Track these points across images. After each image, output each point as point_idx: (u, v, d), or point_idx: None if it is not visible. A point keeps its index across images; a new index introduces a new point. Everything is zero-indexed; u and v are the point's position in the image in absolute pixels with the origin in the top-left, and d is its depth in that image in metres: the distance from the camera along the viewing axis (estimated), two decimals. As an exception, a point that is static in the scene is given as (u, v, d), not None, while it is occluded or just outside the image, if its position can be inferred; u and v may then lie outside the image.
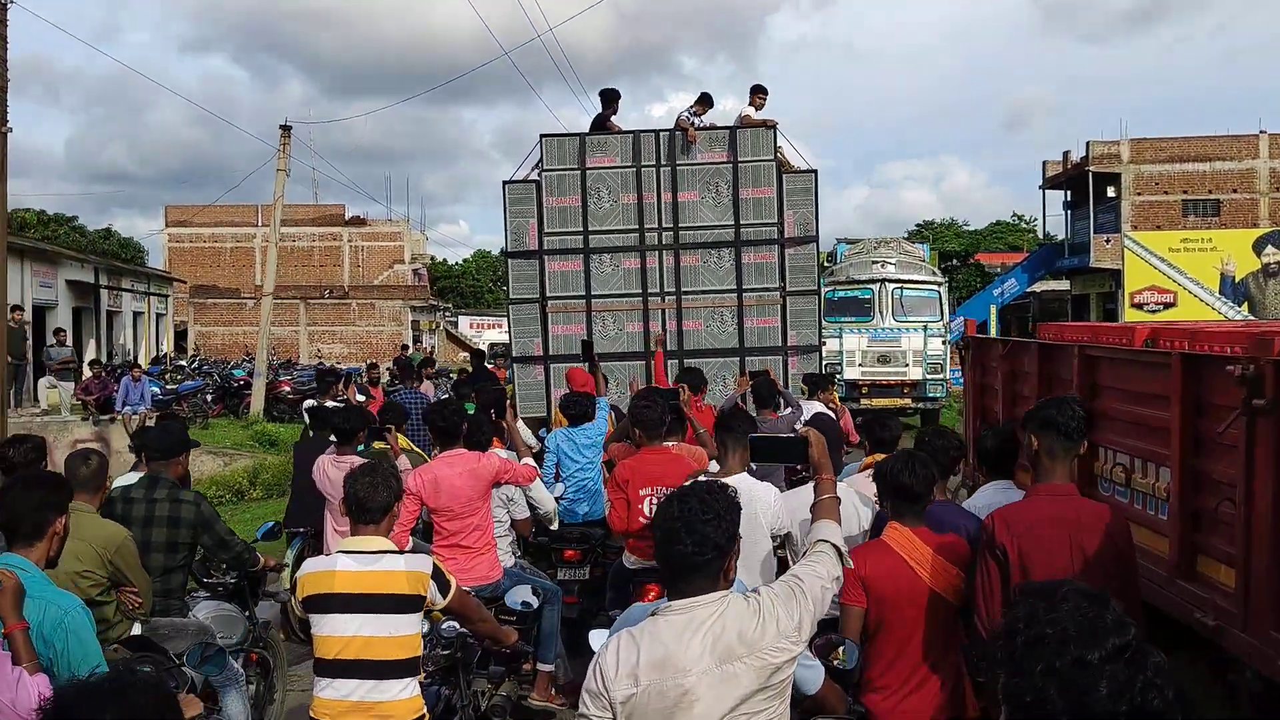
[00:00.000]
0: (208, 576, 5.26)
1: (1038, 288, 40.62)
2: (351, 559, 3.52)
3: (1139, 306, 34.81)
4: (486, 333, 24.70)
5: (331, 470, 6.03)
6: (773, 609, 2.33)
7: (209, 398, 22.66)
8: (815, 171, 10.09)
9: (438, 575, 3.59)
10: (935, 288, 18.58)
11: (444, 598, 3.63)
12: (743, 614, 2.30)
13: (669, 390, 6.35)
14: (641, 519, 5.16)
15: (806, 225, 9.86)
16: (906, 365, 17.98)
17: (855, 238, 21.24)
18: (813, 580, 2.47)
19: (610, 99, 10.44)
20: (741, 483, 4.45)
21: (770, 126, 9.93)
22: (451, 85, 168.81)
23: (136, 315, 33.69)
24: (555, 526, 6.33)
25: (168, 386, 21.34)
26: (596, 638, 3.08)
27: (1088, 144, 35.87)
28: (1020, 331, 43.76)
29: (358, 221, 51.22)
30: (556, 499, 6.29)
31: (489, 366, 14.21)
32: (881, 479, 3.64)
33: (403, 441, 6.99)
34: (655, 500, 5.15)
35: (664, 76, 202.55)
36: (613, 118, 10.41)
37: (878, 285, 18.24)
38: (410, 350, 27.42)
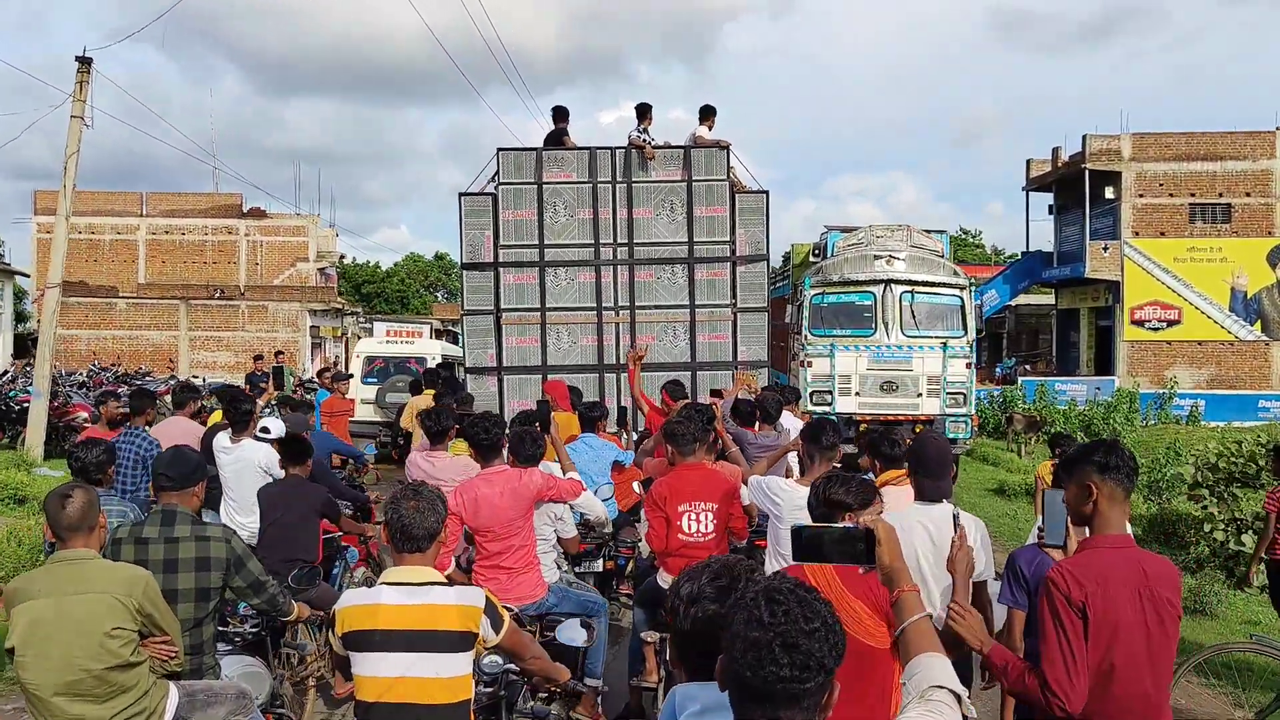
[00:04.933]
0: (224, 624, 5.34)
1: (1013, 301, 42.40)
2: (397, 591, 3.73)
3: (1140, 323, 36.89)
4: (364, 343, 22.55)
5: (424, 464, 7.35)
6: None
7: None
8: (767, 192, 12.75)
9: (490, 609, 3.80)
10: (957, 292, 16.64)
11: (497, 634, 3.82)
12: None
13: (704, 407, 7.32)
14: (680, 536, 5.99)
15: (757, 244, 12.47)
16: (919, 395, 16.14)
17: (850, 225, 19.20)
18: None
19: (563, 115, 12.93)
20: None
21: (724, 147, 12.49)
22: (394, 86, 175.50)
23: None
24: (609, 530, 7.79)
25: None
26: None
27: (1084, 138, 37.51)
28: (995, 348, 45.83)
29: (257, 213, 53.01)
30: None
31: (336, 389, 14.25)
32: (815, 495, 4.07)
33: None
34: (693, 517, 6.00)
35: (618, 84, 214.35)
36: (566, 134, 12.87)
37: (882, 288, 16.32)
38: (278, 360, 23.70)
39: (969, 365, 16.37)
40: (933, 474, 4.63)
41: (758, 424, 8.64)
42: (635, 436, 10.13)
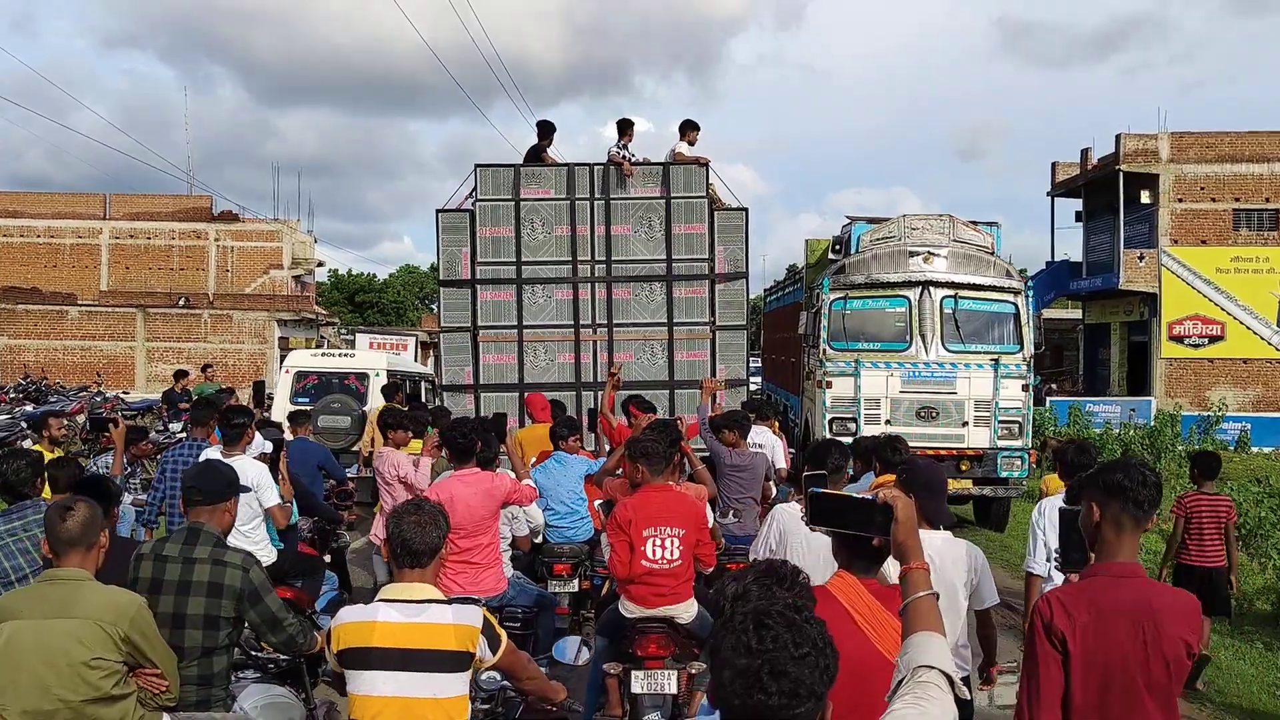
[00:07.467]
0: (258, 649, 5.43)
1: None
2: (394, 609, 4.06)
3: (1179, 339, 37.46)
4: (293, 355, 20.85)
5: (406, 464, 8.60)
6: None
7: None
8: (746, 209, 14.02)
9: (488, 629, 4.14)
10: (1011, 298, 15.29)
11: (494, 654, 4.17)
12: None
13: (670, 423, 7.97)
14: (644, 562, 6.24)
15: (736, 262, 13.73)
16: (965, 424, 14.88)
17: (879, 216, 17.48)
18: None
19: (547, 131, 14.25)
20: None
21: (703, 164, 13.78)
22: (396, 98, 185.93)
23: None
24: (539, 540, 8.93)
25: None
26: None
27: (1118, 138, 37.83)
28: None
29: (229, 217, 54.29)
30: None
31: (241, 403, 13.47)
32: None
33: None
34: (658, 542, 6.22)
35: (622, 97, 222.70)
36: (548, 149, 14.19)
37: (918, 291, 15.01)
38: (193, 378, 22.97)
39: (1026, 388, 15.06)
40: (924, 495, 4.75)
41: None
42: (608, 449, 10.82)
